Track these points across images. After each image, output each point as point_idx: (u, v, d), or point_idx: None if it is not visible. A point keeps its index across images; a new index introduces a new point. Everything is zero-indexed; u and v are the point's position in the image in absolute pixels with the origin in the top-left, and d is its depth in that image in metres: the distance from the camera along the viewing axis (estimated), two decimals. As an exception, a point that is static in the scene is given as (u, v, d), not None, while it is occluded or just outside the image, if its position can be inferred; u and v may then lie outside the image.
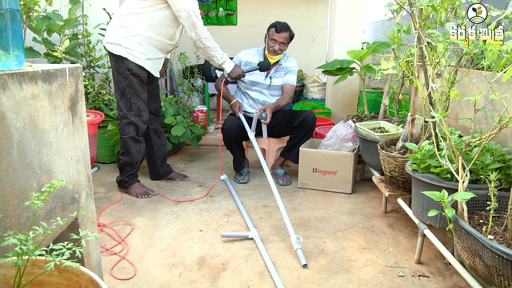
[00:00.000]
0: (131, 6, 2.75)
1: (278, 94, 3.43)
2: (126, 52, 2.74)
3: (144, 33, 2.74)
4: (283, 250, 2.22)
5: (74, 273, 1.05)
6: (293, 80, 3.42)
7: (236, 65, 3.09)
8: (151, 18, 2.74)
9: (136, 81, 2.81)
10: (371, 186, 3.17)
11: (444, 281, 1.95)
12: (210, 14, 6.47)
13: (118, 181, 3.03)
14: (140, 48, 2.76)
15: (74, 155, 1.40)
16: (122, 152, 2.93)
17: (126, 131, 2.88)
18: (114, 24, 2.79)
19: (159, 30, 2.78)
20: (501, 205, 1.72)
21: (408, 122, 2.40)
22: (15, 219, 1.12)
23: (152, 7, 2.72)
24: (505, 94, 1.97)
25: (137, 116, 2.86)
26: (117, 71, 2.83)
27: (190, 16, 2.70)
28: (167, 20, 2.78)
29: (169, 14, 2.76)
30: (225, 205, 2.83)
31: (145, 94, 2.90)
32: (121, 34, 2.74)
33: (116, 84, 2.87)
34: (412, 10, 2.01)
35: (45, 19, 3.47)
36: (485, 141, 1.58)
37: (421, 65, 2.03)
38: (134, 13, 2.73)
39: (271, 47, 3.23)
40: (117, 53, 2.76)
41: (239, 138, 3.23)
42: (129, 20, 2.74)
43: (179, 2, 2.67)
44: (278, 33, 3.19)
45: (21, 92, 1.10)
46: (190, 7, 2.68)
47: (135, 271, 1.99)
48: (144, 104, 2.88)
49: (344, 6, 4.32)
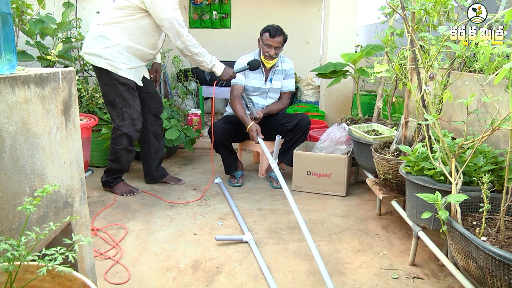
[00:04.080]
0: (109, 15, 2.70)
1: (276, 97, 3.46)
2: (107, 64, 2.70)
3: (124, 43, 2.70)
4: (277, 253, 2.21)
5: (67, 278, 1.05)
6: (291, 86, 3.45)
7: (226, 67, 3.04)
8: (131, 27, 2.69)
9: (124, 90, 2.76)
10: (365, 188, 3.18)
11: (438, 283, 1.96)
12: (204, 17, 6.47)
13: (103, 181, 3.03)
14: (121, 58, 2.71)
15: (68, 159, 1.39)
16: (112, 159, 2.92)
17: (118, 142, 2.86)
18: (93, 34, 2.73)
19: (139, 40, 2.74)
20: (494, 207, 1.74)
21: (401, 125, 2.41)
22: (7, 224, 1.11)
23: (131, 16, 2.67)
24: (497, 96, 1.99)
25: (130, 126, 2.82)
26: (103, 82, 2.78)
27: (173, 25, 2.64)
28: (147, 29, 2.73)
29: (150, 23, 2.71)
30: (220, 208, 2.82)
31: (137, 101, 2.86)
32: (101, 45, 2.69)
33: (105, 96, 2.82)
34: (405, 13, 2.02)
35: (38, 22, 3.45)
36: (478, 143, 1.59)
37: (414, 68, 2.04)
38: (113, 22, 2.68)
39: (266, 52, 3.23)
40: (98, 65, 2.71)
41: (226, 141, 3.23)
42: (108, 29, 2.68)
43: (161, 12, 2.61)
44: (272, 37, 3.19)
45: (13, 96, 1.10)
46: (172, 15, 2.62)
47: (129, 276, 1.98)
48: (137, 112, 2.85)
49: (338, 9, 4.34)
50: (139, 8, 2.65)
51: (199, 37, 6.84)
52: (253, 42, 3.29)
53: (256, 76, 3.36)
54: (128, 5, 2.66)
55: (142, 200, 2.95)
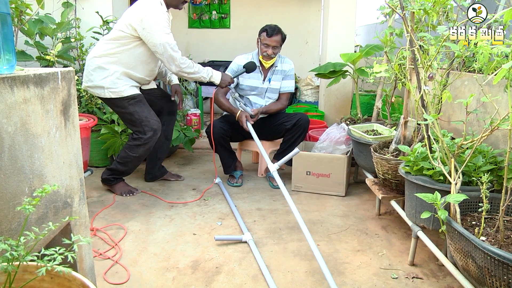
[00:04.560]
0: (105, 47, 2.75)
1: (274, 97, 3.44)
2: (111, 92, 2.74)
3: (121, 70, 2.75)
4: (276, 253, 2.21)
5: (66, 278, 1.05)
6: (291, 87, 3.43)
7: (223, 74, 3.05)
8: (127, 57, 2.75)
9: (136, 104, 2.81)
10: (365, 188, 3.18)
11: (437, 283, 1.96)
12: (203, 17, 6.47)
13: (103, 178, 3.02)
14: (121, 82, 2.76)
15: (67, 159, 1.39)
16: (120, 162, 2.92)
17: (134, 150, 2.87)
18: (90, 67, 2.77)
19: (136, 68, 2.80)
20: (493, 207, 1.74)
21: (401, 125, 2.41)
22: (6, 224, 1.11)
23: (126, 45, 2.72)
24: (496, 96, 1.99)
25: (152, 137, 2.85)
26: (115, 109, 2.85)
27: (166, 50, 2.67)
28: (143, 57, 2.78)
29: (145, 50, 2.76)
30: (219, 208, 2.82)
31: (149, 108, 2.88)
32: (99, 76, 2.73)
33: (122, 119, 2.88)
34: (404, 13, 2.02)
35: (37, 22, 3.45)
36: (477, 143, 1.59)
37: (414, 68, 2.05)
38: (109, 54, 2.73)
39: (264, 51, 3.22)
40: (104, 96, 2.76)
41: (224, 140, 3.23)
42: (105, 60, 2.73)
43: (153, 37, 2.64)
44: (269, 37, 3.17)
45: (13, 96, 1.10)
46: (165, 40, 2.65)
47: (129, 276, 1.98)
48: (156, 122, 2.86)
49: (337, 9, 4.35)
50: (133, 36, 2.70)
51: (198, 37, 6.86)
52: (253, 42, 3.28)
53: (253, 75, 3.35)
54: (122, 36, 2.71)
55: (141, 200, 2.95)
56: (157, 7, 2.65)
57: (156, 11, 2.63)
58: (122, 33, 2.70)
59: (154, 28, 2.62)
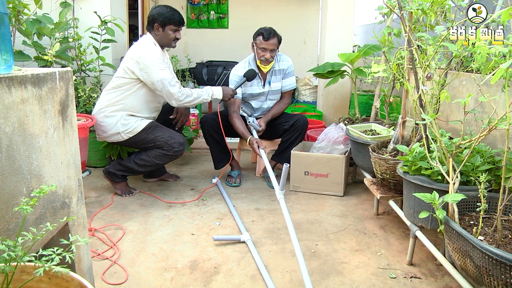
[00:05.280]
0: (107, 98, 2.85)
1: (276, 98, 3.42)
2: (127, 134, 2.84)
3: (127, 113, 2.84)
4: (275, 253, 2.22)
5: (64, 279, 1.04)
6: (293, 83, 3.41)
7: (224, 88, 3.05)
8: (132, 102, 2.84)
9: (155, 130, 2.86)
10: (363, 188, 3.18)
11: (436, 282, 1.96)
12: (201, 17, 6.46)
13: (110, 172, 2.99)
14: (131, 120, 2.85)
15: (65, 159, 1.39)
16: (139, 164, 2.92)
17: (160, 159, 2.90)
18: (99, 120, 2.87)
19: (142, 111, 2.90)
20: (491, 206, 1.74)
21: (399, 125, 2.41)
22: (4, 225, 1.11)
23: (129, 90, 2.82)
24: (494, 96, 2.00)
25: (183, 150, 2.90)
26: (138, 144, 2.91)
27: (164, 85, 2.75)
28: (147, 96, 2.88)
29: (147, 90, 2.86)
30: (217, 208, 2.82)
31: (167, 128, 2.94)
32: (110, 124, 2.83)
33: (150, 147, 2.90)
34: (402, 13, 2.02)
35: (35, 22, 3.43)
36: (475, 143, 1.59)
37: (412, 68, 2.05)
38: (113, 103, 2.83)
39: (262, 56, 3.16)
40: (122, 140, 2.86)
41: (215, 133, 3.21)
42: (110, 110, 2.83)
43: (150, 76, 2.74)
44: (266, 40, 3.12)
45: (10, 96, 1.09)
46: (161, 76, 2.74)
47: (127, 276, 1.98)
48: (177, 135, 2.90)
49: (335, 9, 4.35)
50: (134, 80, 2.81)
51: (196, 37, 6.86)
52: (251, 42, 3.27)
53: (252, 82, 3.31)
54: (123, 82, 2.81)
55: (139, 200, 2.94)
56: (150, 47, 2.78)
57: (149, 51, 2.75)
58: (122, 79, 2.81)
59: (149, 67, 2.73)
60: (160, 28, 2.83)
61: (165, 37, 2.86)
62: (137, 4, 5.83)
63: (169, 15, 2.83)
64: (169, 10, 2.85)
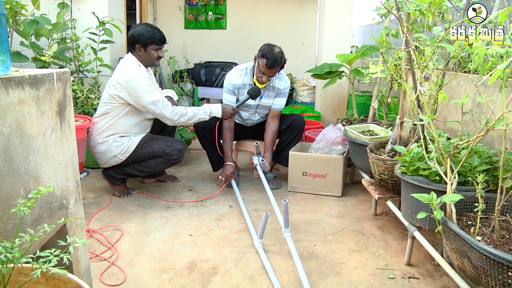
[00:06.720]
0: (98, 125, 2.85)
1: (265, 113, 3.35)
2: (124, 154, 2.83)
3: (118, 134, 2.84)
4: (273, 254, 2.21)
5: (62, 280, 1.04)
6: (282, 104, 3.28)
7: (224, 106, 2.99)
8: (122, 126, 2.83)
9: (150, 143, 2.85)
10: (361, 189, 3.19)
11: (434, 283, 1.96)
12: (199, 18, 6.46)
13: (110, 175, 2.98)
14: (123, 140, 2.84)
15: (62, 160, 1.39)
16: (140, 170, 2.92)
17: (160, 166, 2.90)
18: (94, 148, 2.87)
19: (133, 131, 2.89)
20: (489, 207, 1.74)
21: (397, 125, 2.42)
22: (1, 226, 1.11)
23: (118, 114, 2.81)
24: (492, 97, 2.00)
25: (182, 156, 2.89)
26: (137, 160, 2.89)
27: (157, 107, 2.74)
28: (136, 116, 2.87)
29: (137, 110, 2.83)
30: (215, 209, 2.82)
31: (162, 137, 2.93)
32: (104, 150, 2.83)
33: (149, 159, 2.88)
34: (400, 14, 2.03)
35: (32, 23, 3.43)
36: (473, 143, 1.60)
37: (409, 69, 2.05)
38: (104, 129, 2.83)
39: (259, 77, 3.05)
40: (121, 161, 2.85)
41: (209, 134, 3.19)
42: (102, 136, 2.83)
43: (140, 100, 2.72)
44: (268, 68, 2.97)
45: (7, 97, 1.09)
46: (152, 99, 2.72)
47: (125, 277, 1.97)
48: (173, 142, 2.88)
49: (333, 10, 4.35)
50: (122, 104, 2.79)
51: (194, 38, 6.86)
52: (249, 43, 3.27)
53: (244, 93, 3.21)
54: (111, 107, 2.81)
55: (137, 201, 2.94)
56: (135, 70, 2.73)
57: (135, 75, 2.70)
58: (110, 104, 2.80)
59: (139, 91, 2.70)
60: (142, 49, 2.79)
61: (148, 57, 2.81)
62: (135, 5, 5.83)
63: (150, 35, 2.77)
64: (149, 30, 2.78)
